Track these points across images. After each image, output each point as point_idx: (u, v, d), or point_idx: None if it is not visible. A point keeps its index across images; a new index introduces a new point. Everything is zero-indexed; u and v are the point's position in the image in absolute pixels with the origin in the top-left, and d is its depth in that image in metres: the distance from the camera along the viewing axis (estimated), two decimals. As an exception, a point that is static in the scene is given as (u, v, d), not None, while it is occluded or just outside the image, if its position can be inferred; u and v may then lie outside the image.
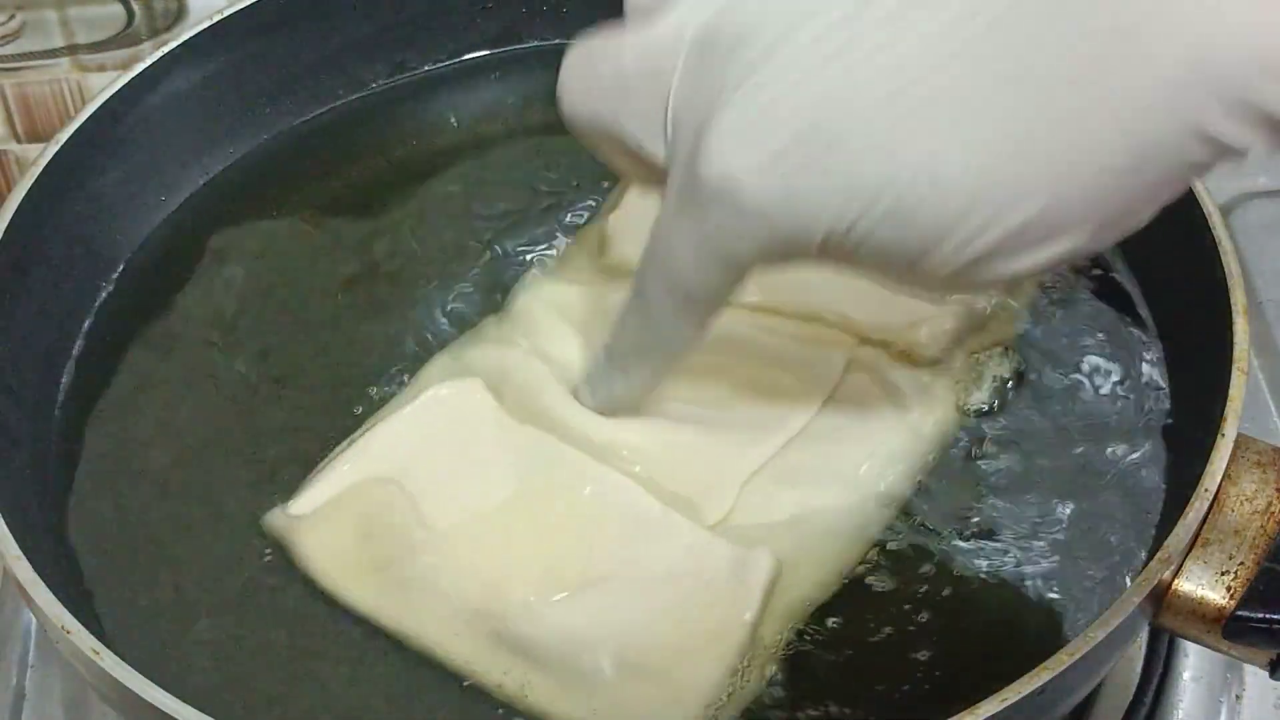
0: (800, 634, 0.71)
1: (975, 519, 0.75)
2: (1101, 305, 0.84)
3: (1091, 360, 0.81)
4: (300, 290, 0.86)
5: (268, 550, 0.74)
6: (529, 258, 0.87)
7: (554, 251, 0.87)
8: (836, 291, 0.81)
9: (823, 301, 0.81)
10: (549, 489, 0.73)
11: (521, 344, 0.80)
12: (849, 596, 0.72)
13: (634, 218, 0.85)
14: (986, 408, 0.79)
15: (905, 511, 0.75)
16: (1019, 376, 0.81)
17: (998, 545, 0.74)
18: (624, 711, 0.67)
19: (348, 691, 0.69)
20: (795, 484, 0.75)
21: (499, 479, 0.74)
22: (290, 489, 0.75)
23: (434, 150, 0.94)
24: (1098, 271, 0.85)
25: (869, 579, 0.72)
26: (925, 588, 0.72)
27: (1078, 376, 0.81)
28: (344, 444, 0.77)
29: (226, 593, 0.73)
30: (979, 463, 0.77)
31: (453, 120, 0.96)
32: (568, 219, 0.89)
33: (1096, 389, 0.80)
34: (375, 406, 0.79)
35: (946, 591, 0.72)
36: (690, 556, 0.71)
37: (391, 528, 0.73)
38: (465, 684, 0.69)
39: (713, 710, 0.67)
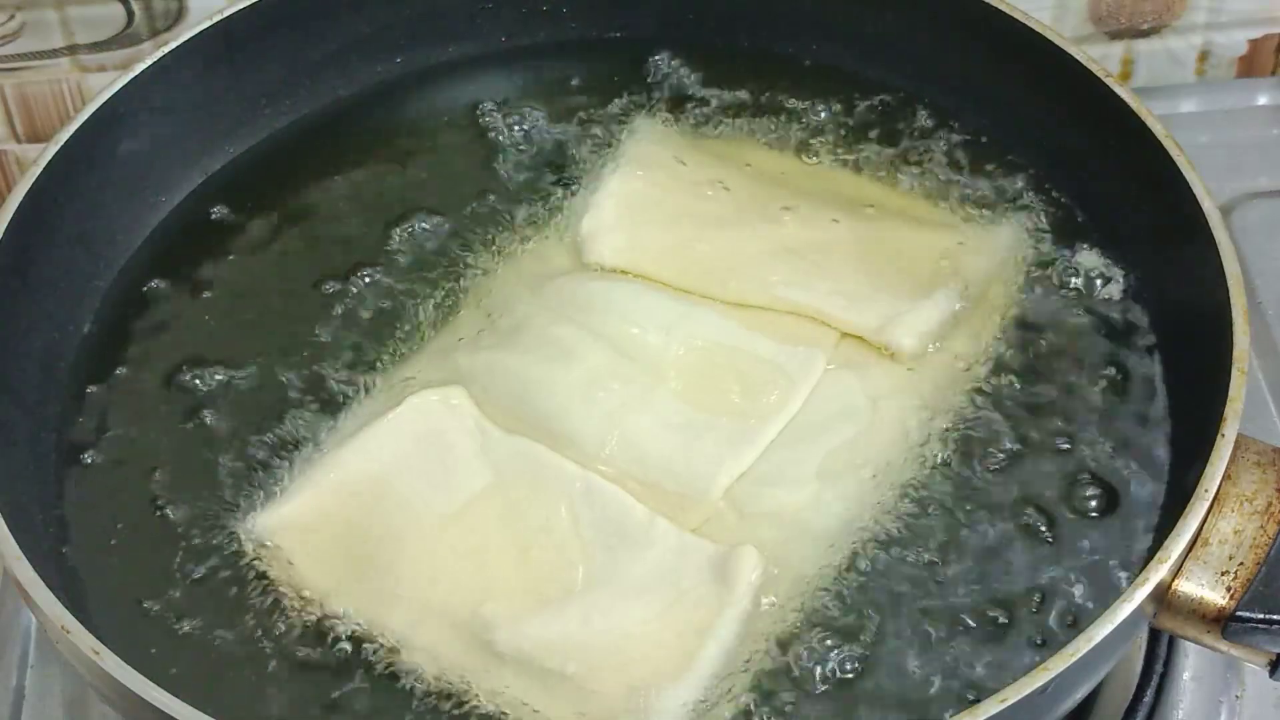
0: (789, 630, 0.71)
1: (963, 516, 0.75)
2: (1097, 304, 0.83)
3: (1086, 359, 0.81)
4: (300, 289, 0.86)
5: (258, 555, 0.74)
6: (520, 250, 0.87)
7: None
8: (816, 288, 0.81)
9: (803, 298, 0.81)
10: (532, 497, 0.73)
11: (507, 344, 0.80)
12: (837, 592, 0.72)
13: (608, 220, 0.85)
14: (971, 403, 0.79)
15: (889, 508, 0.75)
16: (1006, 372, 0.80)
17: (988, 543, 0.74)
18: (615, 716, 0.67)
19: (336, 696, 0.69)
20: (779, 482, 0.75)
21: (481, 488, 0.74)
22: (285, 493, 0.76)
23: (433, 149, 0.94)
24: (1094, 269, 0.85)
25: (856, 574, 0.72)
26: (913, 585, 0.72)
27: (1072, 375, 0.80)
28: (325, 449, 0.77)
29: (222, 595, 0.73)
30: (966, 458, 0.77)
31: (451, 119, 0.96)
32: (562, 213, 0.89)
33: (1092, 388, 0.80)
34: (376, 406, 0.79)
35: (937, 588, 0.72)
36: (677, 559, 0.71)
37: (373, 535, 0.73)
38: (449, 691, 0.69)
39: (706, 709, 0.67)
